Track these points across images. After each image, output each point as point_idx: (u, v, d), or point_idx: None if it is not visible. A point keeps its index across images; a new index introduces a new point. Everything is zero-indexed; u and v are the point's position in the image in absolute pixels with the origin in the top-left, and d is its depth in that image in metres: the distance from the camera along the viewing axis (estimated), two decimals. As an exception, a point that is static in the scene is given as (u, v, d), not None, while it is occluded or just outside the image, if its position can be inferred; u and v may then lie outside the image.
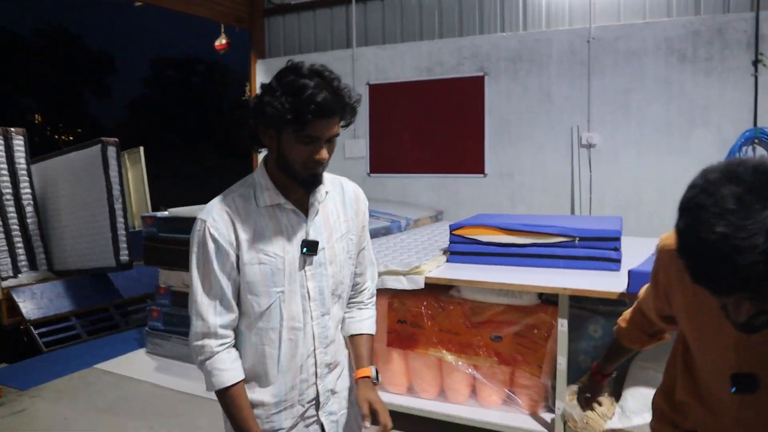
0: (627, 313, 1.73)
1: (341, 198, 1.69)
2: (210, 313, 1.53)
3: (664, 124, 4.95)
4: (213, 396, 1.62)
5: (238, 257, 1.54)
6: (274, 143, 1.51)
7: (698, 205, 0.97)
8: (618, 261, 3.32)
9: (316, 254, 1.58)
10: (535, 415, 3.29)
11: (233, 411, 1.55)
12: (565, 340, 3.01)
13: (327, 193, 1.64)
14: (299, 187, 1.56)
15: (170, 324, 4.85)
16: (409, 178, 5.89)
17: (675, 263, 1.26)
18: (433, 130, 5.73)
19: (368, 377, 1.75)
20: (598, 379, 1.84)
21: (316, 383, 1.65)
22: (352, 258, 1.71)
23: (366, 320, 1.82)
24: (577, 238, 3.38)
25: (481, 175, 5.65)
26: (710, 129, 4.81)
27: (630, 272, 2.76)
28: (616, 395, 3.06)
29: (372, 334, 1.82)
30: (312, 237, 1.58)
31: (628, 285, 2.77)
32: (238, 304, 1.57)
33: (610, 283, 3.06)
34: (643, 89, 4.97)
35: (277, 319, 1.58)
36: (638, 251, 3.45)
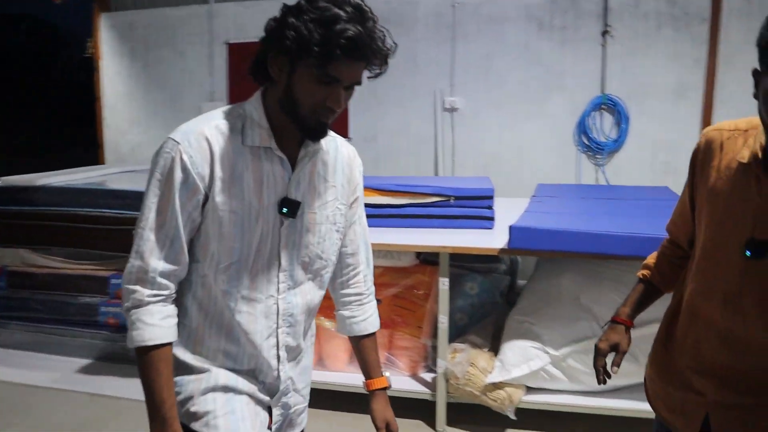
0: (651, 255, 1.68)
1: (334, 159, 1.46)
2: (153, 255, 1.27)
3: (522, 89, 5.13)
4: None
5: (207, 197, 1.28)
6: (284, 76, 1.26)
7: None
8: (492, 219, 3.39)
9: (294, 217, 1.35)
10: (416, 376, 3.29)
11: (149, 376, 1.28)
12: (446, 299, 3.02)
13: (321, 150, 1.41)
14: (301, 134, 1.33)
15: (7, 309, 4.27)
16: (273, 144, 5.65)
17: (714, 147, 1.37)
18: (298, 93, 5.53)
19: (385, 389, 1.60)
20: (627, 325, 1.64)
21: (278, 368, 1.42)
22: (339, 231, 1.47)
23: (370, 317, 1.60)
24: (453, 198, 3.40)
25: (346, 139, 5.54)
26: (564, 95, 5.06)
27: (511, 228, 2.80)
28: (495, 349, 3.14)
29: (375, 332, 1.62)
30: (293, 196, 1.35)
31: (510, 240, 2.81)
32: (196, 251, 1.33)
33: (487, 240, 3.11)
34: (504, 55, 5.11)
35: (234, 283, 1.33)
36: (502, 210, 3.51)
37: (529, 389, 3.03)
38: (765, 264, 1.25)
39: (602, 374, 1.64)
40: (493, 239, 3.12)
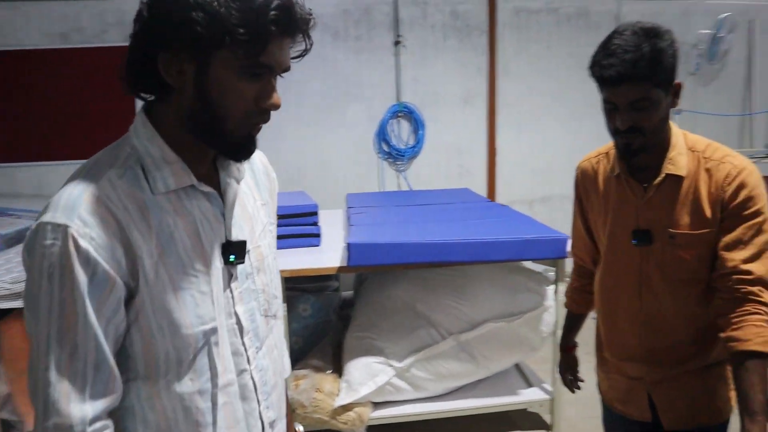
0: (568, 286, 1.96)
1: (252, 171, 1.14)
2: (73, 400, 0.86)
3: (322, 100, 5.10)
4: None
5: (131, 290, 0.91)
6: (189, 81, 0.91)
7: (611, 35, 1.41)
8: (318, 236, 3.29)
9: (243, 261, 1.04)
10: (256, 410, 3.07)
11: None
12: (285, 325, 2.85)
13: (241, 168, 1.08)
14: (224, 155, 1.01)
15: None
16: (45, 167, 4.92)
17: (589, 174, 1.68)
18: (73, 108, 4.87)
19: None
20: (570, 351, 2.00)
21: None
22: (276, 258, 1.17)
23: (284, 358, 1.29)
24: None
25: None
26: (363, 104, 5.15)
27: (350, 245, 2.72)
28: (338, 370, 3.04)
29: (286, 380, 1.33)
30: (235, 236, 1.03)
31: (350, 258, 2.73)
32: (135, 365, 0.94)
33: (319, 258, 3.01)
34: (301, 66, 4.96)
35: (207, 376, 0.98)
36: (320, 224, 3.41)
37: (376, 405, 2.99)
38: (656, 248, 1.52)
39: (570, 386, 2.01)
40: (325, 257, 3.02)
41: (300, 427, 1.37)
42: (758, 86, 5.43)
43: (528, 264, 3.27)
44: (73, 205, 0.87)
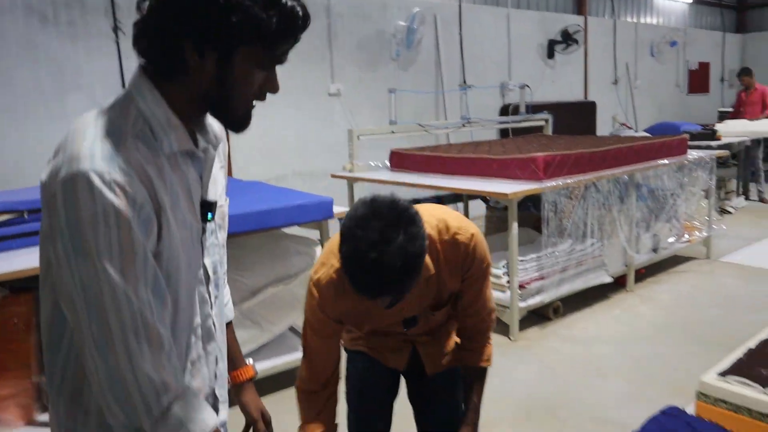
0: (302, 374, 1.77)
1: (213, 135, 1.16)
2: (158, 321, 0.97)
3: (34, 89, 4.67)
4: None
5: (159, 229, 0.99)
6: (211, 66, 0.98)
7: (353, 236, 1.32)
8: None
9: (213, 219, 1.15)
10: (33, 422, 2.83)
11: None
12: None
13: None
14: (227, 127, 1.11)
15: None
16: None
17: (333, 289, 1.60)
18: None
19: (252, 378, 1.47)
20: None
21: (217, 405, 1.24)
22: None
23: (228, 303, 1.42)
24: (26, 212, 2.98)
25: None
26: (83, 93, 4.85)
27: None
28: None
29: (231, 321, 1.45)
30: (210, 196, 1.13)
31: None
32: None
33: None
34: (6, 51, 4.53)
35: (196, 320, 1.12)
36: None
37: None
38: (421, 323, 1.79)
39: None
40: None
41: (250, 360, 1.50)
42: (445, 69, 6.49)
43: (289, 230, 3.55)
44: (110, 156, 0.92)
